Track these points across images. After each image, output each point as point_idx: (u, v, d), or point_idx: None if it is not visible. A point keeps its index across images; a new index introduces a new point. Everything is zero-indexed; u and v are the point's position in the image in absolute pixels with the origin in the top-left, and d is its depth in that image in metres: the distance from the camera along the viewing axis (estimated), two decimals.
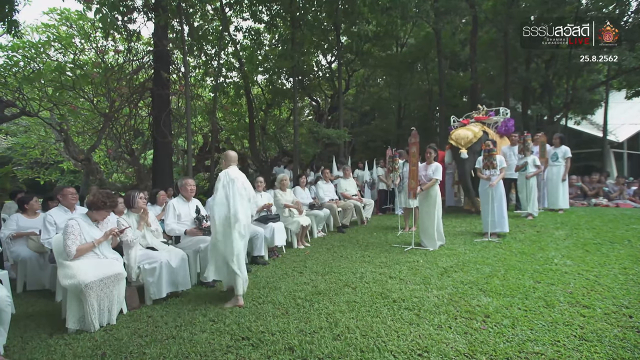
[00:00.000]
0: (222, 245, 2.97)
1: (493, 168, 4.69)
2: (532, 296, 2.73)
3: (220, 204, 2.96)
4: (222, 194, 2.96)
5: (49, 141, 14.60)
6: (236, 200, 2.97)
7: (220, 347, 2.23)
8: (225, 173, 3.06)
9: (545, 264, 3.54)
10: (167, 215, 3.76)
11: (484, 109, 7.15)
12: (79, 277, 2.59)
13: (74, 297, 2.63)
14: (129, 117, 8.52)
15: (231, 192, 2.97)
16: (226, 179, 3.01)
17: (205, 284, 3.58)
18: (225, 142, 14.49)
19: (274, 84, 13.04)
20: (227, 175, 3.03)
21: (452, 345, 2.07)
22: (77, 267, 2.66)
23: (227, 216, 2.93)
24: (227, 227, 2.95)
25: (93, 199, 2.88)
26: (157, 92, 7.57)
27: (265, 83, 13.88)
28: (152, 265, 3.12)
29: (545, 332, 2.16)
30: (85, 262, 2.72)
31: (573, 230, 4.87)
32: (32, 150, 15.21)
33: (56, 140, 12.77)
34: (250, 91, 12.45)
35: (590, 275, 3.15)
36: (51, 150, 14.99)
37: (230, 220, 2.94)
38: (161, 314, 2.87)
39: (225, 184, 2.99)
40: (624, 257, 3.63)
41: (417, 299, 2.80)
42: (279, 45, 12.24)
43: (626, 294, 2.70)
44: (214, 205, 2.98)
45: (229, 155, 3.22)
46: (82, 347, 2.35)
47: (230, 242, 2.94)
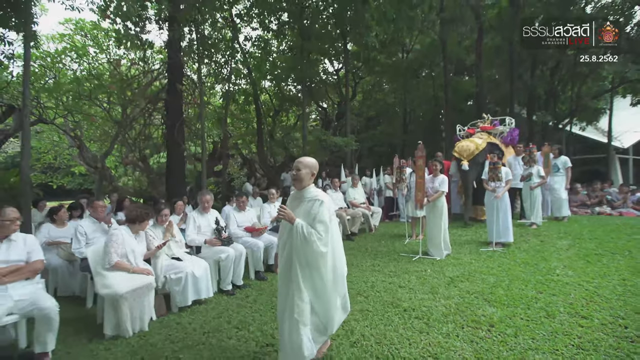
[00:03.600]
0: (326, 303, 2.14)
1: (498, 180, 4.87)
2: (535, 306, 2.92)
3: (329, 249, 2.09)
4: (329, 231, 2.08)
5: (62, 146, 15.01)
6: (339, 244, 2.22)
7: (247, 353, 2.45)
8: (328, 199, 2.18)
9: (547, 274, 3.72)
10: (188, 227, 4.00)
11: (489, 119, 7.32)
12: (115, 288, 2.84)
13: (110, 306, 2.87)
14: (143, 126, 8.80)
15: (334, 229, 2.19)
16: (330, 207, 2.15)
17: (225, 292, 3.81)
18: (233, 148, 14.80)
19: (281, 91, 13.32)
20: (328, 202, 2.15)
21: (459, 352, 2.27)
22: (113, 277, 2.91)
23: (334, 266, 2.14)
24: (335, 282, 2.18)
25: (135, 213, 3.15)
26: (170, 103, 7.86)
27: (273, 90, 14.17)
28: (178, 275, 3.36)
29: (545, 341, 2.35)
30: (120, 273, 2.96)
31: (576, 241, 5.03)
32: (46, 155, 15.62)
33: (69, 146, 13.16)
34: (259, 98, 12.74)
35: (590, 286, 3.32)
36: (64, 155, 15.41)
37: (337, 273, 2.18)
38: (188, 321, 3.10)
39: (331, 216, 2.13)
40: (623, 269, 3.79)
41: (426, 308, 3.00)
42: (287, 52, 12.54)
43: (623, 305, 2.88)
44: (326, 251, 2.05)
45: (316, 165, 2.27)
46: (121, 352, 2.59)
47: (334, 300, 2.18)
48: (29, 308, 2.42)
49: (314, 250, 2.00)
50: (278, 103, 13.93)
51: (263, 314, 3.14)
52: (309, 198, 2.13)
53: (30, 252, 2.65)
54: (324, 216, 2.05)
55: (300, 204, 2.15)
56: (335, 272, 2.15)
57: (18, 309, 2.42)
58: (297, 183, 2.18)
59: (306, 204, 2.12)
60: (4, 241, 2.56)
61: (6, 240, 2.57)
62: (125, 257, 3.06)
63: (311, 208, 2.09)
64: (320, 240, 2.01)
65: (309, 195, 2.15)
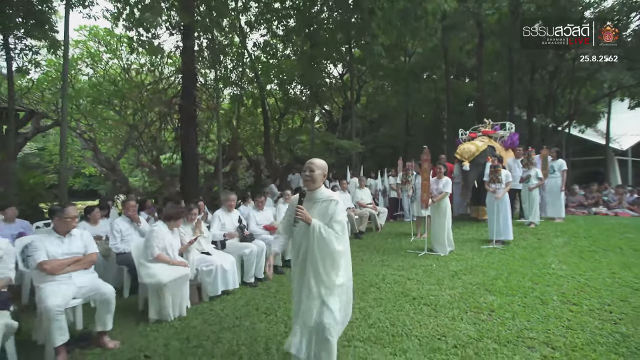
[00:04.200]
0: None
1: (499, 182, 5.23)
2: (530, 295, 3.27)
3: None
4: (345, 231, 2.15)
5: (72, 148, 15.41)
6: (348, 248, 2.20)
7: (279, 333, 2.81)
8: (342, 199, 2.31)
9: (543, 268, 4.08)
10: (213, 224, 4.38)
11: (490, 123, 7.68)
12: (159, 277, 3.21)
13: (154, 293, 3.24)
14: (158, 130, 9.20)
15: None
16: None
17: (249, 284, 4.18)
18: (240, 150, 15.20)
19: (287, 94, 13.71)
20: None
21: (464, 332, 2.63)
22: (156, 268, 3.28)
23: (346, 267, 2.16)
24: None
25: (173, 211, 3.53)
26: (185, 107, 8.25)
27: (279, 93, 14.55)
28: (209, 267, 3.73)
29: (539, 323, 2.71)
30: (162, 264, 3.33)
31: (571, 239, 5.38)
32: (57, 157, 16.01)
33: (82, 148, 13.57)
34: (266, 101, 13.13)
35: (582, 278, 3.68)
36: (75, 157, 15.81)
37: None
38: (220, 308, 3.46)
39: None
40: (614, 264, 4.14)
41: (433, 297, 3.36)
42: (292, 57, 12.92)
43: (610, 294, 3.23)
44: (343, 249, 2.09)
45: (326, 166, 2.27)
46: (167, 332, 2.96)
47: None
48: (91, 293, 2.79)
49: (331, 250, 2.01)
50: (283, 106, 14.32)
51: (287, 302, 3.50)
52: (323, 199, 2.12)
53: (87, 246, 3.02)
54: (340, 216, 2.08)
55: (313, 204, 2.12)
56: (348, 273, 2.15)
57: (81, 294, 2.79)
58: (310, 184, 2.14)
59: (320, 205, 2.11)
60: (66, 236, 2.93)
61: (68, 235, 2.94)
62: (165, 250, 3.43)
63: (327, 208, 2.09)
64: (337, 239, 2.03)
65: (323, 195, 2.13)
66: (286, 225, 2.26)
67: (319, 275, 2.03)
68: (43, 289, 2.65)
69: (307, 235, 2.07)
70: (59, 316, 2.47)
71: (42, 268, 2.71)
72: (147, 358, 2.57)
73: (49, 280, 2.72)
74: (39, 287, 2.72)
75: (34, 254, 2.75)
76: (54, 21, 8.53)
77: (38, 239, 2.84)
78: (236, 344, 2.65)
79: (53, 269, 2.74)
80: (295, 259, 2.18)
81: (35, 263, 2.73)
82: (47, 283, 2.70)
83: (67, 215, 2.90)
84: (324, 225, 2.05)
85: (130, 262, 4.08)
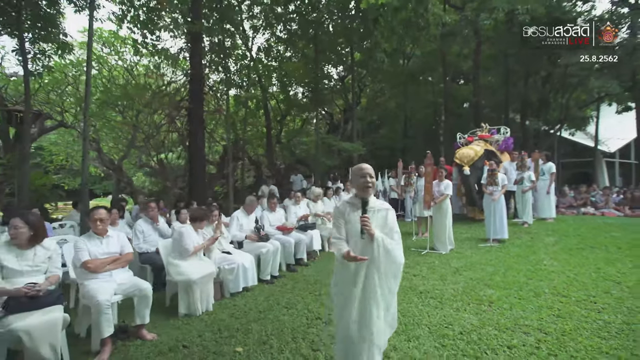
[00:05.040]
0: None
1: (495, 185, 5.60)
2: (525, 289, 3.63)
3: None
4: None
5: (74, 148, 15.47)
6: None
7: (302, 324, 3.12)
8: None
9: (536, 264, 4.45)
10: (232, 225, 4.67)
11: (486, 127, 8.06)
12: (188, 275, 3.49)
13: (183, 289, 3.52)
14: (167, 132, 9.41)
15: None
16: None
17: (265, 281, 4.47)
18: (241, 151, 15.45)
19: (289, 96, 13.99)
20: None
21: (468, 321, 2.96)
22: (186, 266, 3.56)
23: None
24: None
25: (199, 213, 3.82)
26: (193, 110, 8.48)
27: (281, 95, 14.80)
28: (232, 266, 4.02)
29: (533, 312, 3.06)
30: (191, 263, 3.62)
31: (562, 237, 5.77)
32: (57, 157, 16.06)
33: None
34: (268, 103, 13.39)
35: (570, 273, 4.05)
36: (77, 157, 15.85)
37: None
38: (243, 303, 3.76)
39: None
40: (599, 260, 4.53)
41: (438, 291, 3.70)
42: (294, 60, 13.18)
43: (595, 287, 3.60)
44: (404, 261, 2.07)
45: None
46: (198, 325, 3.25)
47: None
48: (131, 289, 3.06)
49: (397, 263, 1.94)
50: (285, 108, 14.59)
51: (304, 297, 3.81)
52: (377, 207, 2.00)
53: (123, 246, 3.29)
54: (397, 226, 2.01)
55: (369, 214, 1.95)
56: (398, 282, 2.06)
57: (121, 290, 3.06)
58: (370, 191, 1.99)
59: (377, 214, 1.99)
60: (104, 237, 3.20)
61: (106, 236, 3.21)
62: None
63: (386, 218, 2.00)
64: (400, 251, 1.95)
65: (376, 204, 2.03)
66: (341, 233, 2.01)
67: (384, 290, 1.93)
68: (88, 286, 2.91)
69: (369, 248, 1.90)
70: (108, 309, 2.75)
71: (86, 267, 2.98)
72: (186, 347, 2.85)
73: (92, 278, 2.99)
74: (83, 284, 2.98)
75: (78, 253, 3.02)
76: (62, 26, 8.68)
77: (81, 240, 3.10)
78: (265, 334, 2.95)
79: (96, 267, 3.00)
80: (353, 271, 1.95)
81: (79, 262, 2.99)
82: (90, 280, 2.97)
83: (99, 217, 3.14)
84: (386, 237, 1.94)
85: (154, 261, 4.38)
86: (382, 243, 1.91)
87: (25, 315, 2.37)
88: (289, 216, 5.69)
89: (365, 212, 1.93)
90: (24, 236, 2.60)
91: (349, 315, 1.94)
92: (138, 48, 10.65)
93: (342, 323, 1.99)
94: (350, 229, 2.00)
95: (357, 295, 1.95)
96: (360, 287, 1.95)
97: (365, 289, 1.94)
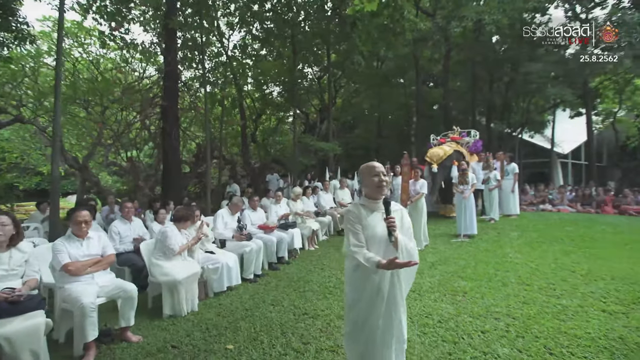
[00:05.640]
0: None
1: (466, 184, 5.98)
2: (494, 279, 3.95)
3: None
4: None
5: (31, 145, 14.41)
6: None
7: (290, 320, 3.21)
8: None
9: (503, 257, 4.83)
10: (217, 224, 4.65)
11: (457, 130, 8.53)
12: (174, 275, 3.46)
13: (167, 290, 3.47)
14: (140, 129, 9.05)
15: None
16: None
17: (248, 280, 4.50)
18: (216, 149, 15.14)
19: (264, 95, 13.91)
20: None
21: (445, 310, 3.20)
22: (171, 267, 3.52)
23: None
24: None
25: (182, 213, 3.77)
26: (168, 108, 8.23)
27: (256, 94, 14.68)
28: (216, 265, 4.01)
29: (502, 300, 3.36)
30: (175, 263, 3.58)
31: (524, 232, 6.28)
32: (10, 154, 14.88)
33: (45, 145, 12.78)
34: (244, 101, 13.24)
35: (532, 264, 4.45)
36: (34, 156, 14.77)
37: None
38: (229, 302, 3.77)
39: None
40: (557, 252, 5.01)
41: (416, 284, 3.92)
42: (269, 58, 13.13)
43: (554, 276, 4.00)
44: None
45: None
46: (186, 325, 3.24)
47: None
48: (115, 291, 2.99)
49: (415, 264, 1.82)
50: (260, 107, 14.49)
51: (289, 294, 3.89)
52: (393, 208, 1.85)
53: (104, 248, 3.19)
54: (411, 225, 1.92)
55: (380, 215, 1.84)
56: None
57: (104, 293, 2.99)
58: (384, 190, 1.88)
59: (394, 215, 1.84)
60: (85, 239, 3.10)
61: (86, 238, 3.11)
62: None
63: (402, 220, 1.88)
64: (417, 251, 1.85)
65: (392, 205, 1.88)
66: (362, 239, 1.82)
67: (404, 294, 1.87)
68: (70, 289, 2.82)
69: (392, 252, 1.75)
70: (93, 312, 2.68)
71: (66, 269, 2.87)
72: (175, 348, 2.85)
73: (73, 281, 2.89)
74: (63, 288, 2.88)
75: (58, 256, 2.90)
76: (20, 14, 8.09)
77: (60, 243, 2.99)
78: (254, 331, 3.01)
79: (77, 270, 2.90)
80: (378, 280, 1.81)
81: (59, 265, 2.88)
82: (72, 284, 2.87)
83: (82, 219, 3.04)
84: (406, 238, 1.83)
85: (133, 262, 4.28)
86: (405, 246, 1.78)
87: (5, 321, 2.28)
88: (270, 215, 5.73)
89: (389, 213, 1.80)
90: (9, 233, 2.49)
91: (374, 325, 1.83)
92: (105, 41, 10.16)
93: (365, 333, 1.85)
94: (369, 234, 1.82)
95: (382, 304, 1.81)
96: (385, 296, 1.81)
97: (389, 297, 1.82)
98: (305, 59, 12.91)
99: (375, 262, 1.70)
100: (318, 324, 3.09)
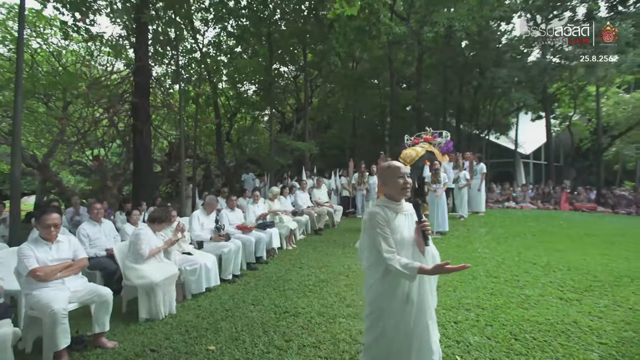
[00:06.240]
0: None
1: (438, 183, 6.26)
2: (464, 274, 4.18)
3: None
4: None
5: None
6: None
7: (271, 319, 3.23)
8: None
9: (472, 252, 5.12)
10: (193, 225, 4.56)
11: (430, 131, 8.88)
12: (150, 278, 3.37)
13: (144, 293, 3.38)
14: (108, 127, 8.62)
15: None
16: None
17: (227, 280, 4.46)
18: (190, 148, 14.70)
19: (239, 94, 13.70)
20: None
21: None
22: (147, 269, 3.43)
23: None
24: None
25: (158, 214, 3.67)
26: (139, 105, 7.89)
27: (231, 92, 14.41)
28: (194, 266, 3.94)
29: (472, 292, 3.58)
30: (151, 265, 3.49)
31: (491, 228, 6.68)
32: None
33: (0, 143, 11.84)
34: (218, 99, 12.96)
35: (499, 258, 4.76)
36: None
37: None
38: (208, 303, 3.73)
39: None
40: (520, 246, 5.38)
41: None
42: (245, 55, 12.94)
43: (518, 268, 4.31)
44: None
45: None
46: (164, 328, 3.17)
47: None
48: (89, 296, 2.88)
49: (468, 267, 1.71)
50: (235, 105, 14.26)
51: (269, 293, 3.91)
52: (410, 211, 1.81)
53: (75, 251, 3.06)
54: None
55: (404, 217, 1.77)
56: None
57: (76, 298, 2.86)
58: (408, 193, 1.79)
59: (410, 218, 1.79)
60: (54, 242, 2.95)
61: (55, 241, 2.96)
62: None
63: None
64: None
65: (407, 207, 1.82)
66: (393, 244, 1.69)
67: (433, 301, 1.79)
68: (38, 295, 2.68)
69: (420, 257, 1.71)
70: (65, 319, 2.57)
71: (34, 275, 2.72)
72: (154, 351, 2.79)
73: (42, 287, 2.75)
74: (31, 295, 2.74)
75: (24, 261, 2.75)
76: None
77: (26, 247, 2.82)
78: (236, 331, 3.01)
79: (46, 275, 2.76)
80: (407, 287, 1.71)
81: (26, 271, 2.73)
82: (41, 289, 2.73)
83: (51, 222, 2.89)
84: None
85: (104, 266, 4.11)
86: (431, 250, 1.73)
87: None
88: (248, 215, 5.70)
89: (421, 217, 1.73)
90: None
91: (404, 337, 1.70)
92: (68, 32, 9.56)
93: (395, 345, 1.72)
94: (398, 238, 1.71)
95: (411, 313, 1.70)
96: (415, 304, 1.70)
97: (419, 304, 1.71)
98: (282, 58, 12.87)
99: (416, 268, 1.57)
100: (299, 321, 3.14)
